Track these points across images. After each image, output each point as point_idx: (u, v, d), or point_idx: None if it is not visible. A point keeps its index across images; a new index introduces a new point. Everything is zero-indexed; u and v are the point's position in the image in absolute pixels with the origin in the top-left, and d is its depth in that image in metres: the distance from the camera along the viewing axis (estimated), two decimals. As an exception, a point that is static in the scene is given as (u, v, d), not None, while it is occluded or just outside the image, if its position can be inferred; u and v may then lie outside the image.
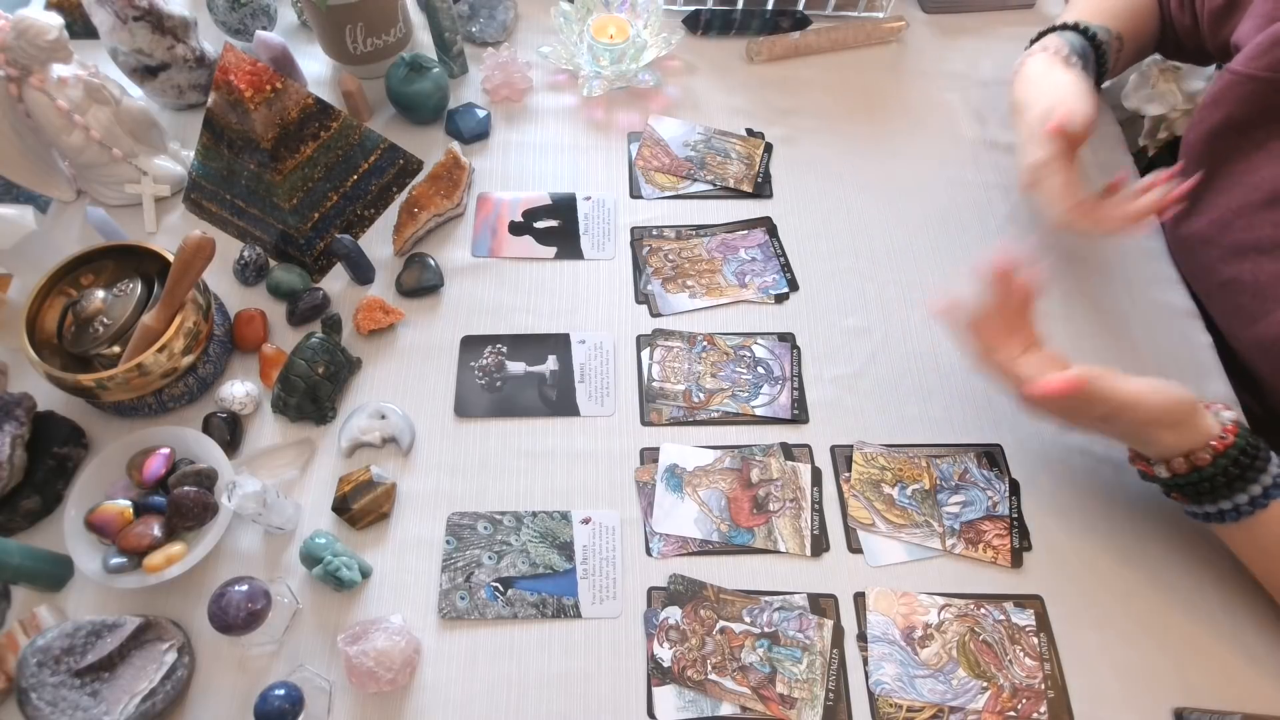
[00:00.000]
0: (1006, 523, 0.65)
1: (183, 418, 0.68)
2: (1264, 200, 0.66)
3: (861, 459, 0.67)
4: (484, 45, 0.92)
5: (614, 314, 0.75)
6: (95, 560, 0.59)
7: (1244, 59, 0.66)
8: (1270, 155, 0.66)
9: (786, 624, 0.60)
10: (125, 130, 0.75)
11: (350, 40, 0.83)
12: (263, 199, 0.73)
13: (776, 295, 0.76)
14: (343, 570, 0.59)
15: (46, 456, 0.63)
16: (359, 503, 0.63)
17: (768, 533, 0.64)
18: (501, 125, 0.87)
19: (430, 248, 0.78)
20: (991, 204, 0.82)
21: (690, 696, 0.58)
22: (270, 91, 0.68)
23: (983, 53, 0.93)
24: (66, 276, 0.67)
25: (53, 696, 0.53)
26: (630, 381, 0.71)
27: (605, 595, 0.62)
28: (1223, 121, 0.68)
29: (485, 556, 0.63)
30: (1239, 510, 0.56)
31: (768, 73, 0.91)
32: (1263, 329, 0.66)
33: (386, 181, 0.80)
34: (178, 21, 0.78)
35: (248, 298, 0.75)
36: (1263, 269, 0.66)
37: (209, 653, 0.59)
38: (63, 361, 0.65)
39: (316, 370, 0.67)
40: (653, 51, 0.87)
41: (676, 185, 0.83)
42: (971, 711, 0.57)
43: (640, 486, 0.66)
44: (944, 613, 0.61)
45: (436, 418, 0.69)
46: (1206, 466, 0.55)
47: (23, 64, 0.68)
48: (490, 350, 0.72)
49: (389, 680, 0.56)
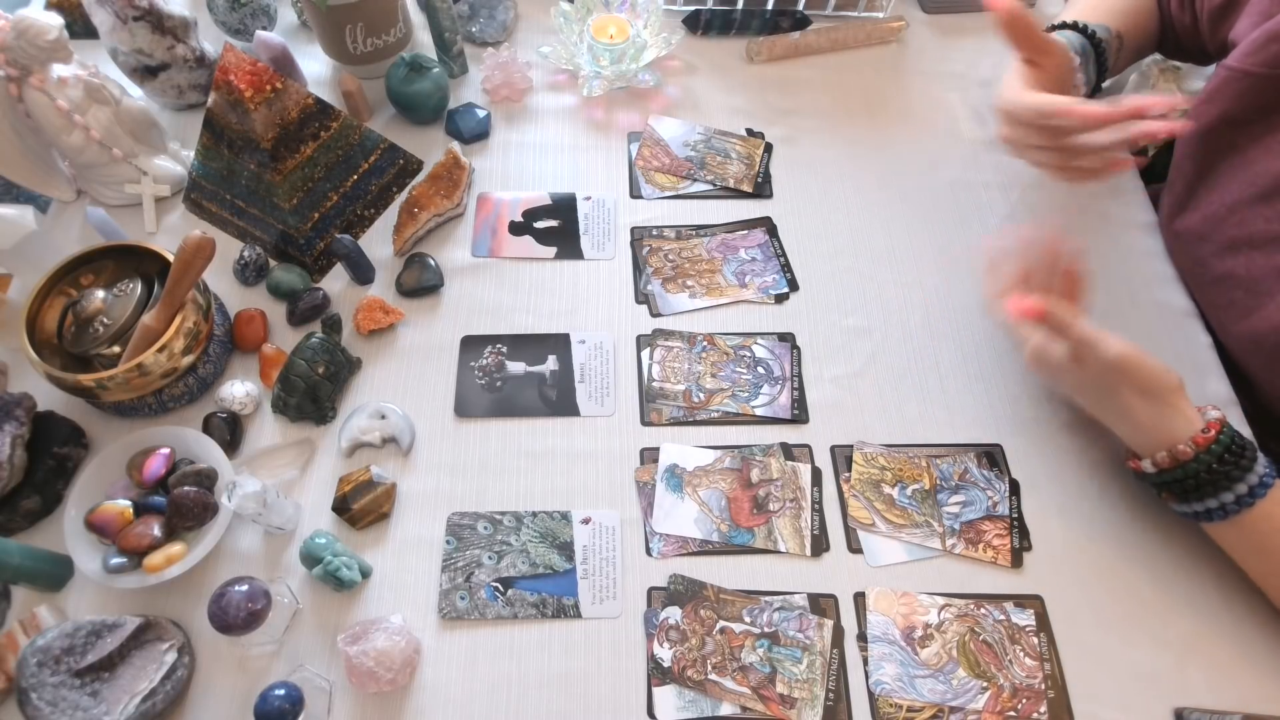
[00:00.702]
0: (1006, 523, 0.65)
1: (183, 418, 0.68)
2: (1259, 195, 0.66)
3: (861, 459, 0.67)
4: (484, 45, 0.92)
5: (614, 314, 0.75)
6: (95, 560, 0.59)
7: (1240, 55, 0.66)
8: (1265, 150, 0.66)
9: (786, 624, 0.60)
10: (125, 130, 0.75)
11: (350, 40, 0.83)
12: (263, 199, 0.73)
13: (776, 295, 0.76)
14: (343, 570, 0.59)
15: (46, 456, 0.63)
16: (359, 503, 0.63)
17: (768, 533, 0.64)
18: (501, 125, 0.87)
19: (430, 248, 0.78)
20: (992, 204, 0.82)
21: (690, 696, 0.58)
22: (270, 91, 0.68)
23: (983, 53, 0.93)
24: (66, 276, 0.67)
25: (53, 696, 0.53)
26: (630, 381, 0.71)
27: (605, 595, 0.62)
28: (1218, 117, 0.68)
29: (485, 556, 0.63)
30: (1225, 509, 0.56)
31: (768, 73, 0.91)
32: (1255, 323, 0.66)
33: (386, 181, 0.80)
34: (178, 21, 0.78)
35: (248, 298, 0.75)
36: (1256, 263, 0.66)
37: (209, 653, 0.59)
38: (63, 361, 0.65)
39: (316, 370, 0.67)
40: (653, 51, 0.87)
41: (676, 185, 0.83)
42: (971, 711, 0.57)
43: (640, 486, 0.66)
44: (944, 613, 0.61)
45: (436, 418, 0.69)
46: (1189, 461, 0.56)
47: (23, 64, 0.68)
48: (490, 350, 0.72)
49: (389, 680, 0.56)
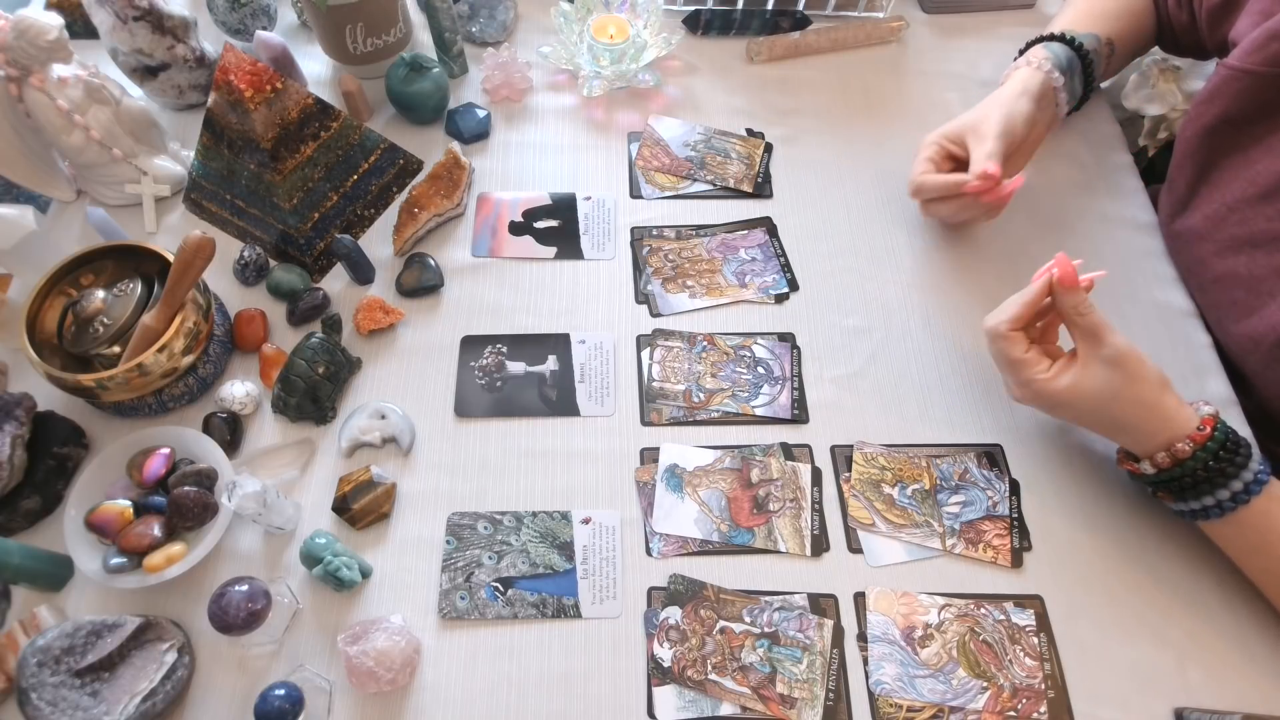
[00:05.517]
0: (1006, 523, 0.65)
1: (183, 418, 0.68)
2: (1259, 194, 0.66)
3: (861, 459, 0.67)
4: (484, 45, 0.92)
5: (614, 314, 0.75)
6: (95, 560, 0.59)
7: (1240, 54, 0.66)
8: (1266, 150, 0.66)
9: (786, 624, 0.60)
10: (125, 130, 0.76)
11: (350, 40, 0.83)
12: (263, 199, 0.73)
13: (776, 295, 0.76)
14: (343, 570, 0.59)
15: (46, 456, 0.63)
16: (359, 503, 0.63)
17: (768, 533, 0.64)
18: (501, 125, 0.87)
19: (430, 248, 0.78)
20: (991, 204, 0.82)
21: (690, 696, 0.58)
22: (270, 91, 0.68)
23: (983, 53, 0.93)
24: (66, 276, 0.67)
25: (53, 696, 0.53)
26: (630, 381, 0.71)
27: (605, 595, 0.62)
28: (1219, 117, 0.69)
29: (485, 556, 0.63)
30: (1222, 506, 0.57)
31: (768, 73, 0.91)
32: (1255, 323, 0.66)
33: (386, 181, 0.80)
34: (178, 21, 0.78)
35: (248, 298, 0.75)
36: (1257, 263, 0.66)
37: (209, 653, 0.59)
38: (63, 361, 0.65)
39: (316, 370, 0.67)
40: (653, 51, 0.87)
41: (676, 185, 0.83)
42: (971, 711, 0.57)
43: (640, 486, 0.66)
44: (944, 613, 0.61)
45: (436, 418, 0.69)
46: (1187, 459, 0.56)
47: (23, 64, 0.68)
48: (490, 350, 0.72)
49: (389, 680, 0.56)
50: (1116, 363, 0.57)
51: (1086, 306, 0.58)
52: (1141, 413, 0.58)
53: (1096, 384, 0.57)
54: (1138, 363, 0.57)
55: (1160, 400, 0.57)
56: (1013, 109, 0.71)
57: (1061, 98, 0.75)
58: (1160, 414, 0.57)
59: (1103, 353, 0.57)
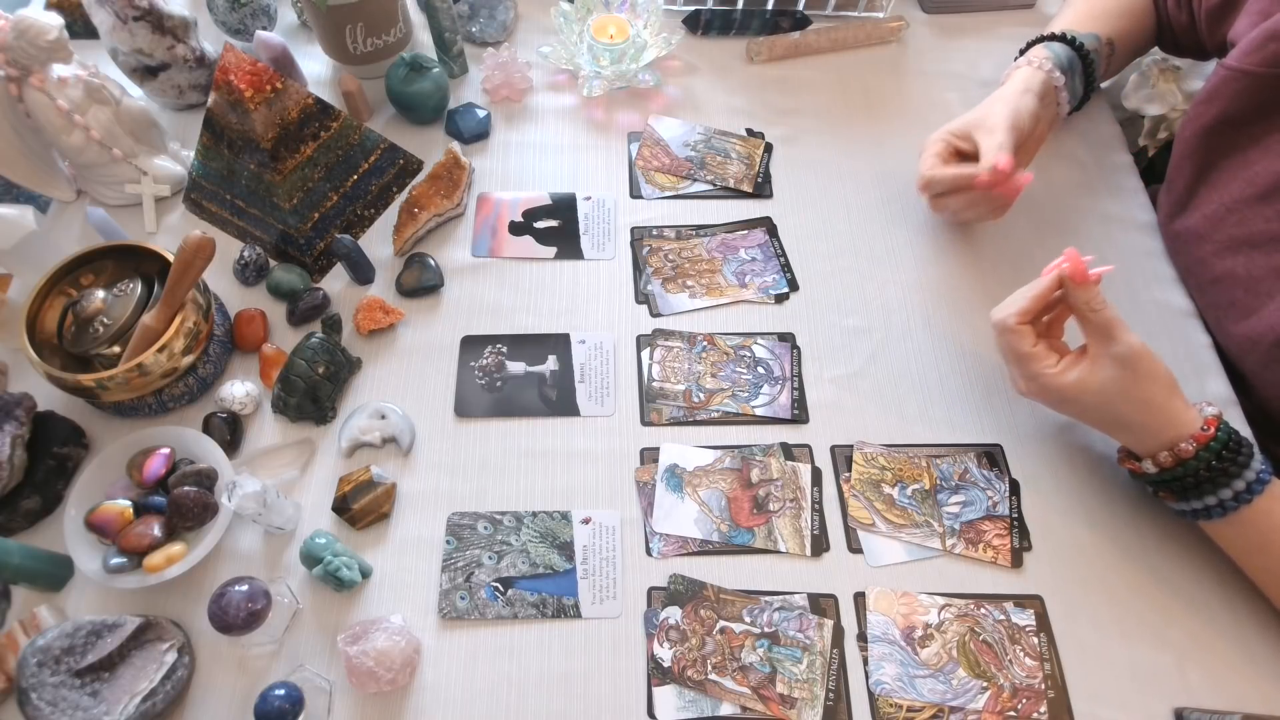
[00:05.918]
0: (1006, 523, 0.65)
1: (183, 418, 0.68)
2: (1258, 195, 0.66)
3: (861, 459, 0.67)
4: (484, 45, 0.92)
5: (614, 314, 0.75)
6: (95, 560, 0.59)
7: (1239, 54, 0.66)
8: (1265, 150, 0.66)
9: (786, 624, 0.60)
10: (125, 130, 0.75)
11: (350, 40, 0.83)
12: (263, 199, 0.73)
13: (776, 295, 0.76)
14: (343, 570, 0.59)
15: (46, 456, 0.63)
16: (359, 503, 0.63)
17: (768, 533, 0.64)
18: (501, 125, 0.87)
19: (430, 248, 0.78)
20: (991, 204, 0.81)
21: (690, 696, 0.58)
22: (270, 91, 0.68)
23: (983, 53, 0.93)
24: (66, 276, 0.67)
25: (53, 696, 0.53)
26: (630, 381, 0.71)
27: (605, 595, 0.62)
28: (1217, 117, 0.69)
29: (485, 556, 0.63)
30: (1224, 506, 0.57)
31: (768, 73, 0.91)
32: (1254, 324, 0.66)
33: (386, 181, 0.80)
34: (178, 21, 0.78)
35: (248, 298, 0.75)
36: (1256, 263, 0.66)
37: (209, 653, 0.59)
38: (63, 361, 0.65)
39: (316, 370, 0.67)
40: (653, 51, 0.87)
41: (676, 185, 0.83)
42: (971, 711, 0.57)
43: (640, 486, 0.66)
44: (944, 613, 0.61)
45: (436, 418, 0.69)
46: (1190, 459, 0.56)
47: (23, 64, 0.68)
48: (490, 350, 0.72)
49: (389, 680, 0.56)
50: (1127, 361, 0.57)
51: (1100, 302, 0.57)
52: (1147, 412, 0.57)
53: (1105, 381, 0.57)
54: (1150, 362, 0.57)
55: (1168, 401, 0.57)
56: (1019, 104, 0.71)
57: (1063, 97, 0.75)
58: (1166, 414, 0.57)
59: (1114, 350, 0.57)
